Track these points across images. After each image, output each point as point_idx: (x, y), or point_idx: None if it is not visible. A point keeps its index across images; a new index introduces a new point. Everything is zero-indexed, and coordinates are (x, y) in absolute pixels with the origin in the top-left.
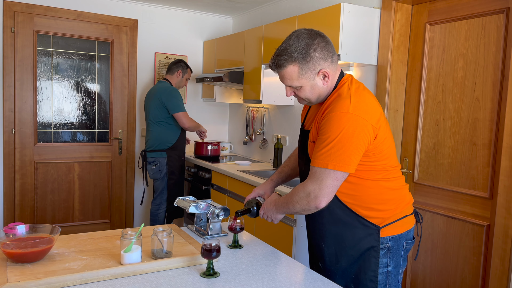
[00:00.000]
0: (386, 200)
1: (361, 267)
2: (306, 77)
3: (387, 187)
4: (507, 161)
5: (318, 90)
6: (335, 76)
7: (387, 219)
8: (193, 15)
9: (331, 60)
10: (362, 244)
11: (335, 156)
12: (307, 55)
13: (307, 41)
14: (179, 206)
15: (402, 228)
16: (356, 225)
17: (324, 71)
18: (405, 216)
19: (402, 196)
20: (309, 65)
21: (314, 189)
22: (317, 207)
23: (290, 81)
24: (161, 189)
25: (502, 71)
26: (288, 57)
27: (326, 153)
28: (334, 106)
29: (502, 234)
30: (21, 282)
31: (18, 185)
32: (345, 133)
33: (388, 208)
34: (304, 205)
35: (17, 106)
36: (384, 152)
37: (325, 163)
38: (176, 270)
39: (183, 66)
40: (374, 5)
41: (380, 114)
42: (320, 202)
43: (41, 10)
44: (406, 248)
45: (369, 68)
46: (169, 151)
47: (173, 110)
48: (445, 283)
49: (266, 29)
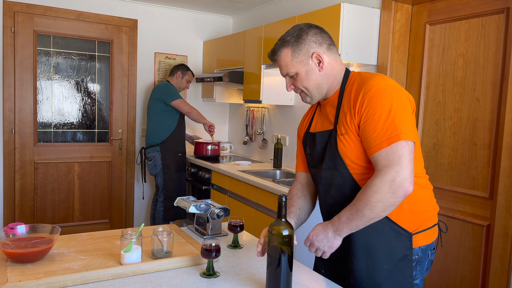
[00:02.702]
0: (419, 199)
1: (395, 281)
2: (300, 60)
3: (418, 184)
4: (507, 161)
5: (314, 77)
6: (335, 67)
7: (419, 224)
8: (193, 15)
9: (327, 47)
10: (395, 254)
11: (401, 126)
12: (299, 37)
13: (301, 27)
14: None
15: (431, 238)
16: (388, 232)
17: (317, 54)
18: (435, 224)
19: (433, 199)
20: (302, 47)
21: (396, 172)
22: (406, 193)
23: (285, 67)
24: (161, 186)
25: (502, 71)
26: (281, 42)
27: (391, 127)
28: (367, 85)
29: (502, 234)
30: (21, 282)
31: (18, 185)
32: (397, 102)
33: (421, 210)
34: (389, 198)
35: (17, 106)
36: None
37: (396, 137)
38: (176, 270)
39: (183, 68)
40: (374, 5)
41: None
42: (409, 185)
43: (41, 10)
44: (431, 258)
45: (369, 68)
46: (162, 146)
47: (169, 99)
48: (445, 283)
49: (266, 29)
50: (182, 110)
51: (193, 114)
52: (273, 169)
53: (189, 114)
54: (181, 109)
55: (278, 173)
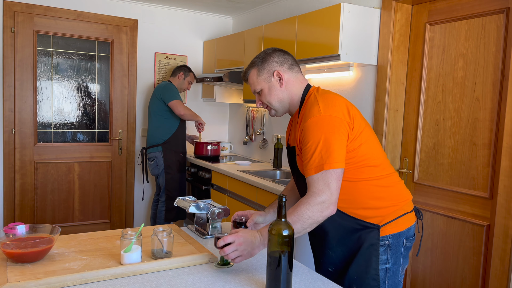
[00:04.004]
0: (380, 198)
1: (363, 267)
2: (263, 78)
3: (378, 185)
4: (507, 161)
5: (276, 93)
6: (295, 84)
7: (386, 217)
8: (193, 15)
9: (288, 66)
10: (364, 243)
11: (326, 157)
12: (263, 59)
13: (266, 51)
14: (179, 206)
15: (402, 226)
16: (357, 228)
17: (277, 72)
18: (405, 213)
19: (397, 194)
20: (265, 67)
21: (327, 196)
22: (331, 213)
23: (253, 85)
24: (163, 186)
25: (502, 71)
26: (250, 64)
27: (318, 157)
28: (307, 115)
29: (502, 234)
30: (21, 282)
31: (18, 185)
32: (325, 134)
33: (384, 206)
34: (318, 217)
35: (17, 106)
36: (365, 148)
37: (320, 167)
38: (176, 270)
39: (185, 69)
40: (374, 5)
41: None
42: (334, 208)
43: (41, 10)
44: (407, 245)
45: (369, 68)
46: (164, 146)
47: (168, 99)
48: (445, 283)
49: (266, 29)
50: (175, 111)
51: (186, 116)
52: (273, 169)
53: (182, 116)
54: (174, 110)
55: (278, 173)
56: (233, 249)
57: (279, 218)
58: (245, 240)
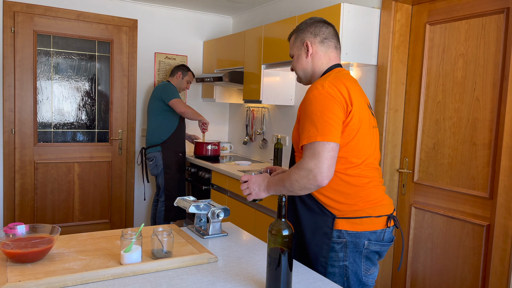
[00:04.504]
0: (343, 193)
1: (314, 252)
2: (297, 46)
3: (345, 181)
4: (507, 161)
5: (301, 62)
6: (322, 59)
7: (344, 213)
8: (193, 15)
9: (320, 40)
10: (319, 229)
11: (321, 129)
12: (302, 27)
13: (308, 20)
14: (179, 206)
15: (361, 227)
16: (317, 212)
17: (307, 42)
18: (367, 216)
19: (364, 196)
20: (300, 35)
21: (314, 164)
22: (319, 184)
23: (290, 49)
24: (162, 186)
25: (502, 71)
26: (293, 31)
27: (313, 129)
28: (311, 87)
29: (502, 234)
30: (21, 282)
31: (18, 185)
32: (322, 108)
33: (344, 202)
34: (305, 183)
35: (17, 106)
36: (351, 143)
37: (314, 137)
38: (176, 270)
39: (183, 69)
40: (374, 5)
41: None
42: (324, 179)
43: (41, 10)
44: (370, 248)
45: (369, 68)
46: (163, 146)
47: (167, 98)
48: (445, 283)
49: (266, 29)
50: (176, 109)
51: (187, 113)
52: None
53: (184, 114)
54: (176, 109)
55: None
56: (246, 187)
57: (279, 218)
58: (256, 181)
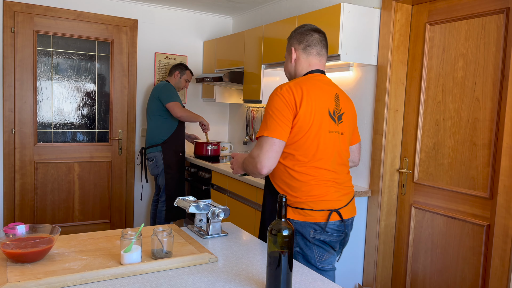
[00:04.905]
0: (290, 185)
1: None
2: (287, 49)
3: (292, 175)
4: (507, 161)
5: (287, 66)
6: (302, 64)
7: (292, 203)
8: (193, 15)
9: (303, 47)
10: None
11: (268, 125)
12: (292, 34)
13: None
14: (179, 206)
15: (305, 218)
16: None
17: (292, 48)
18: (309, 209)
19: (306, 190)
20: (289, 41)
21: (257, 154)
22: (259, 172)
23: None
24: (163, 186)
25: (502, 71)
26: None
27: (264, 124)
28: (277, 87)
29: (502, 234)
30: (21, 282)
31: (18, 185)
32: (274, 108)
33: (291, 193)
34: (252, 168)
35: (17, 106)
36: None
37: (261, 132)
38: (176, 270)
39: (181, 68)
40: (374, 5)
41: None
42: (262, 168)
43: (41, 10)
44: (316, 237)
45: (369, 68)
46: (164, 146)
47: (165, 100)
48: (445, 283)
49: (266, 29)
50: (173, 113)
51: (184, 118)
52: None
53: (181, 119)
54: (172, 113)
55: None
56: (231, 163)
57: (279, 218)
58: (236, 160)
